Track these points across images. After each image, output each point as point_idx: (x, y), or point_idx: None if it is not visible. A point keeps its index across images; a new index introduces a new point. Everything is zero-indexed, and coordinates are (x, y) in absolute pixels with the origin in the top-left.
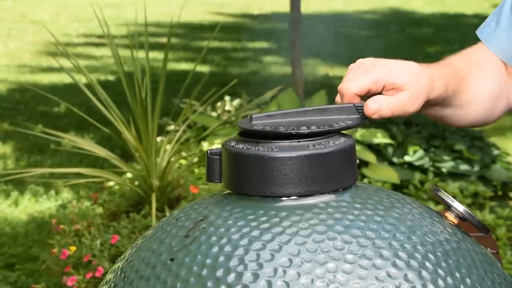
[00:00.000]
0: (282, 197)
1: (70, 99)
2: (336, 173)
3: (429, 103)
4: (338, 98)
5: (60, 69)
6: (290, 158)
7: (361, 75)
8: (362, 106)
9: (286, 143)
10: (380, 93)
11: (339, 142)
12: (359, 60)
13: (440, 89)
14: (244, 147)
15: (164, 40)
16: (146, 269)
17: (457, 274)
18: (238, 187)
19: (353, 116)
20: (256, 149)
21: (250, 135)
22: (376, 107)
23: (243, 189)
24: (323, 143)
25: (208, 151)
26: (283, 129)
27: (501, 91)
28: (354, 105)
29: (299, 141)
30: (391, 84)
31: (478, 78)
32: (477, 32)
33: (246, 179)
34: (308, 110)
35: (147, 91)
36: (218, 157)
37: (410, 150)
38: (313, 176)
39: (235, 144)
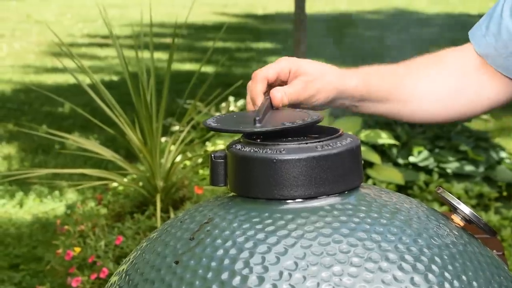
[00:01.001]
0: (292, 199)
1: (74, 99)
2: (344, 174)
3: (350, 97)
4: (250, 82)
5: (64, 70)
6: (299, 160)
7: (271, 64)
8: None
9: (293, 145)
10: (286, 83)
11: (346, 143)
12: None
13: (353, 85)
14: (251, 150)
15: (168, 40)
16: (151, 272)
17: (464, 277)
18: (245, 190)
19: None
20: (264, 151)
21: (255, 137)
22: (280, 95)
23: (250, 192)
24: (331, 144)
25: (212, 155)
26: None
27: (464, 90)
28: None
29: (307, 143)
30: (295, 71)
31: (431, 75)
32: (469, 33)
33: (254, 182)
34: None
35: (152, 91)
36: (222, 160)
37: (415, 150)
38: (322, 178)
39: (242, 147)
